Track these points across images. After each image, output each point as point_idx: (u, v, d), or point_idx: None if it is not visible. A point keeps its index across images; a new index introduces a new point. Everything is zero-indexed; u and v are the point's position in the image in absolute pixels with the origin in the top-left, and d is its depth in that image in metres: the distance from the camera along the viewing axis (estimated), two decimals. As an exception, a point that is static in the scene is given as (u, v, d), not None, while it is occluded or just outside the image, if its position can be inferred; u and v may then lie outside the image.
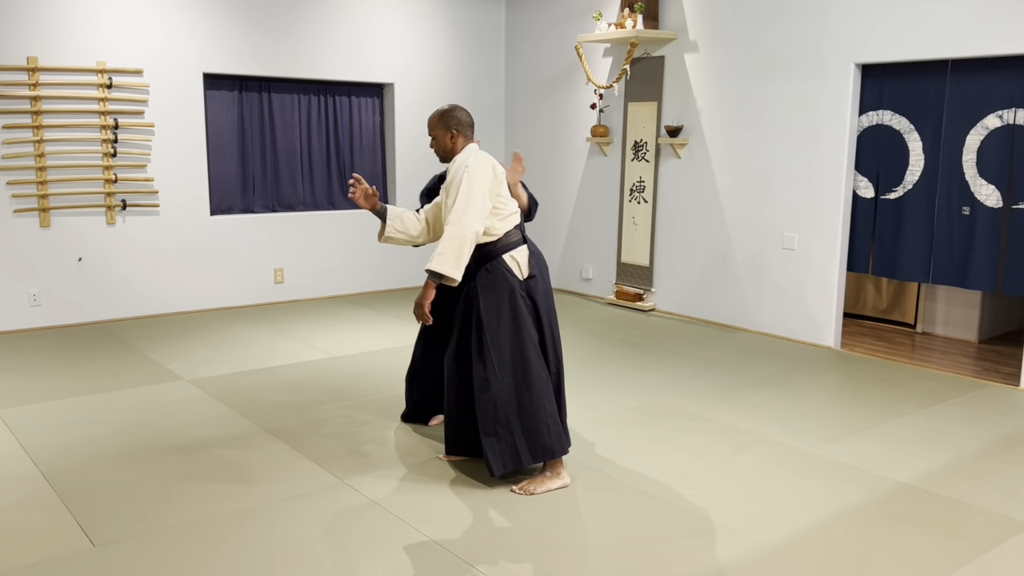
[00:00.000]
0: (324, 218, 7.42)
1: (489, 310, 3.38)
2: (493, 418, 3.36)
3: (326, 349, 5.71)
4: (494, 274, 3.40)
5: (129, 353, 5.53)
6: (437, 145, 3.53)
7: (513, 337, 3.39)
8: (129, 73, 6.26)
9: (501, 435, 3.37)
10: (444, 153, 3.52)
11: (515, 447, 3.37)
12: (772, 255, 6.22)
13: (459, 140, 3.49)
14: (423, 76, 7.80)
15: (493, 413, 3.36)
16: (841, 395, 4.87)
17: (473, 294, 3.45)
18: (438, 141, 3.51)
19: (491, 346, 3.36)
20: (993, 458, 3.91)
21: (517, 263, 3.45)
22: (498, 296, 3.39)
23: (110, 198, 6.28)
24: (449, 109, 3.51)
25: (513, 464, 3.38)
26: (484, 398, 3.37)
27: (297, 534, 3.06)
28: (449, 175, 3.45)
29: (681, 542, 3.04)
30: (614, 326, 6.54)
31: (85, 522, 3.13)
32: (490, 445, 3.37)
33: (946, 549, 3.02)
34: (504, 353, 3.37)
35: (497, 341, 3.37)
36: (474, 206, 3.30)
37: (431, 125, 3.52)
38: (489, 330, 3.37)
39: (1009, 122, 5.09)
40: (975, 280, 5.36)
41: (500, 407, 3.36)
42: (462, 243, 3.28)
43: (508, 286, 3.40)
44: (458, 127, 3.48)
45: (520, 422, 3.37)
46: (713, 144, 6.53)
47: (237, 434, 4.09)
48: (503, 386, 3.36)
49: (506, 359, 3.37)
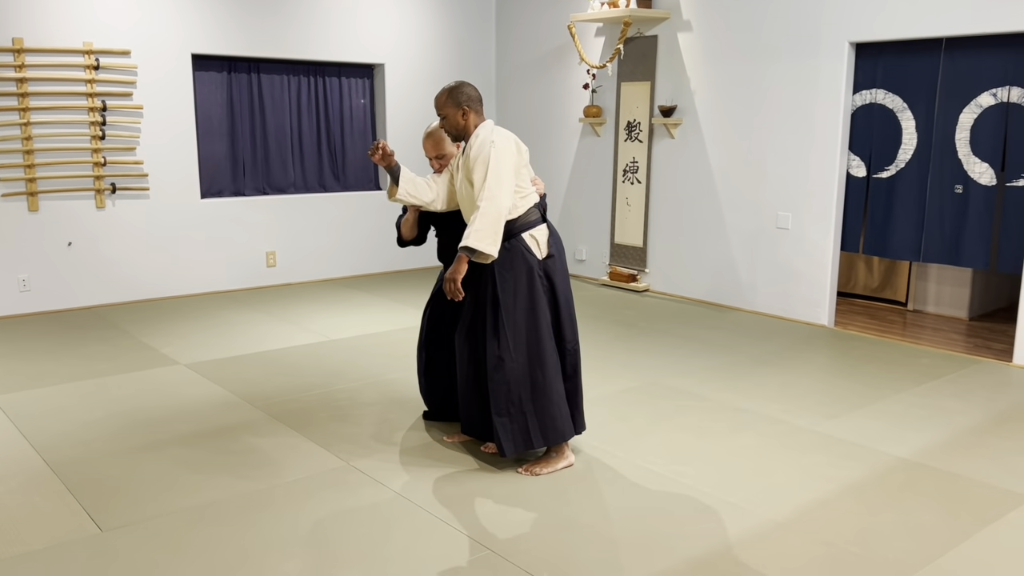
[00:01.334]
0: (315, 200, 7.37)
1: (506, 288, 3.33)
2: (506, 398, 3.33)
3: (322, 332, 5.69)
4: (512, 252, 3.35)
5: (122, 338, 5.48)
6: (448, 124, 3.42)
7: (529, 317, 3.35)
8: (116, 54, 6.17)
9: (514, 415, 3.34)
10: (457, 132, 3.42)
11: (527, 428, 3.35)
12: (766, 235, 6.24)
13: (471, 116, 3.38)
14: (414, 56, 7.74)
15: (506, 393, 3.33)
16: (837, 373, 4.91)
17: (489, 271, 3.38)
18: (449, 120, 3.40)
19: (507, 324, 3.32)
20: (988, 433, 3.96)
21: (536, 242, 3.40)
22: (516, 274, 3.34)
23: (99, 181, 6.21)
24: (457, 86, 3.40)
25: (524, 446, 3.37)
26: (497, 377, 3.34)
27: (305, 517, 3.06)
28: (472, 151, 3.33)
29: (688, 519, 3.06)
30: (609, 307, 6.55)
31: (90, 507, 3.12)
32: (502, 425, 3.35)
33: (948, 523, 3.06)
34: (519, 332, 3.33)
35: (513, 320, 3.33)
36: (505, 181, 3.24)
37: (439, 104, 3.40)
38: (505, 308, 3.32)
39: (1003, 100, 5.12)
40: (968, 258, 5.40)
41: (514, 387, 3.33)
42: (498, 218, 3.21)
43: (526, 264, 3.35)
44: (469, 103, 3.37)
45: (533, 403, 3.35)
46: (707, 124, 6.53)
47: (238, 418, 4.07)
48: (517, 366, 3.33)
49: (521, 339, 3.33)
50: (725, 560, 2.77)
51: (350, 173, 7.66)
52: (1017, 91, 5.05)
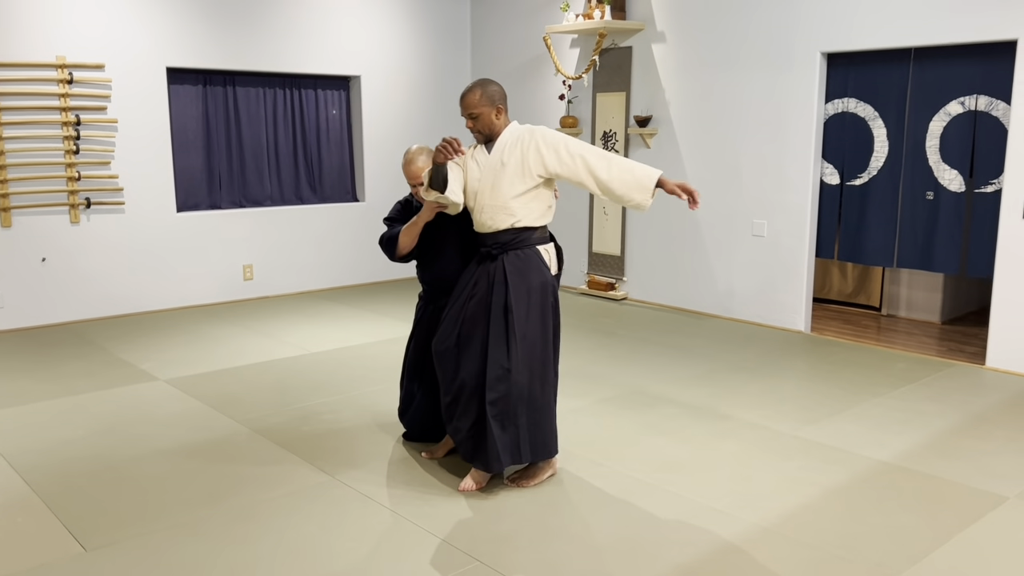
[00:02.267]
0: (292, 213, 7.34)
1: (520, 298, 3.24)
2: (503, 410, 3.24)
3: (301, 345, 5.67)
4: (528, 262, 3.27)
5: (99, 354, 5.42)
6: (481, 124, 3.30)
7: (539, 330, 3.27)
8: (90, 68, 6.12)
9: (507, 428, 3.26)
10: (490, 132, 3.32)
11: (518, 441, 3.28)
12: (742, 242, 6.31)
13: (503, 116, 3.33)
14: (389, 68, 7.75)
15: (504, 405, 3.24)
16: (815, 378, 4.97)
17: (500, 278, 3.26)
18: (483, 119, 3.29)
19: (517, 335, 3.22)
20: (965, 435, 4.03)
21: (549, 256, 3.36)
22: (530, 286, 3.26)
23: (74, 196, 6.14)
24: (486, 83, 3.30)
25: (513, 459, 3.31)
26: (501, 388, 3.22)
27: (292, 532, 3.04)
28: (542, 138, 3.26)
29: (674, 526, 3.08)
30: (588, 316, 6.59)
31: (73, 527, 3.08)
32: (497, 437, 3.25)
33: (931, 524, 3.11)
34: (528, 345, 3.24)
35: (524, 331, 3.24)
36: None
37: (472, 103, 3.26)
38: (517, 319, 3.22)
39: (971, 108, 5.23)
40: (940, 263, 5.50)
41: (514, 400, 3.24)
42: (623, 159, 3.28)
43: (541, 277, 3.29)
44: (502, 101, 3.31)
45: (528, 416, 3.28)
46: (682, 133, 6.60)
47: (220, 433, 4.04)
48: (521, 378, 3.23)
49: (527, 351, 3.25)
50: (712, 566, 2.80)
51: (327, 185, 7.64)
52: (984, 99, 5.16)
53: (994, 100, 5.12)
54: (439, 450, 3.73)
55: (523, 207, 3.30)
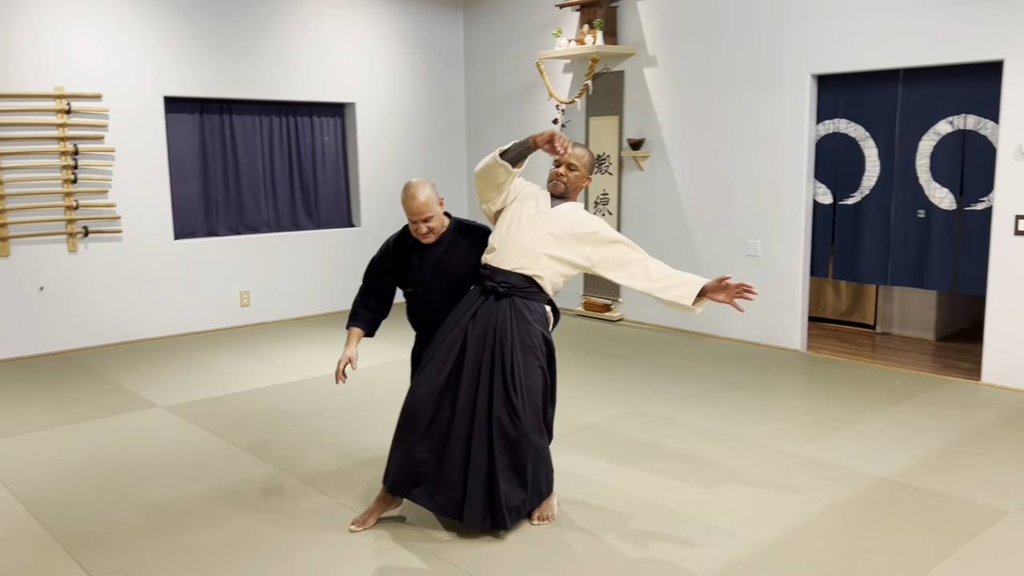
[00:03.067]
0: (289, 239, 7.37)
1: (525, 348, 3.16)
2: (513, 465, 3.12)
3: (300, 371, 5.67)
4: (534, 314, 3.22)
5: (98, 382, 5.42)
6: (572, 184, 3.32)
7: (539, 381, 3.19)
8: (88, 98, 6.16)
9: (513, 488, 3.13)
10: (573, 192, 3.36)
11: (525, 500, 3.18)
12: (736, 262, 6.37)
13: (585, 182, 3.38)
14: (384, 95, 7.82)
15: (512, 460, 3.12)
16: (813, 396, 5.00)
17: (504, 323, 3.16)
18: (576, 183, 3.33)
19: (524, 389, 3.12)
20: (964, 450, 4.06)
21: (548, 316, 3.35)
22: (533, 340, 3.18)
23: (71, 225, 6.16)
24: (591, 153, 3.41)
25: (520, 518, 3.22)
26: (505, 445, 3.11)
27: (297, 556, 3.04)
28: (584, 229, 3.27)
29: (681, 545, 3.10)
30: (585, 337, 6.61)
31: (78, 554, 3.07)
32: (504, 494, 3.09)
33: (933, 540, 3.13)
34: (532, 399, 3.15)
35: (528, 381, 3.14)
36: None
37: (583, 164, 3.31)
38: (527, 369, 3.14)
39: (960, 127, 5.31)
40: (932, 280, 5.56)
41: (522, 457, 3.12)
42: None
43: (545, 332, 3.26)
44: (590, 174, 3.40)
45: (531, 472, 3.18)
46: (675, 156, 6.67)
47: (223, 459, 4.04)
48: (530, 432, 3.13)
49: (531, 406, 3.14)
50: (720, 584, 2.81)
51: (323, 211, 7.68)
52: (972, 119, 5.25)
53: (982, 119, 5.20)
54: (371, 518, 3.30)
55: (552, 269, 3.26)
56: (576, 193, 3.39)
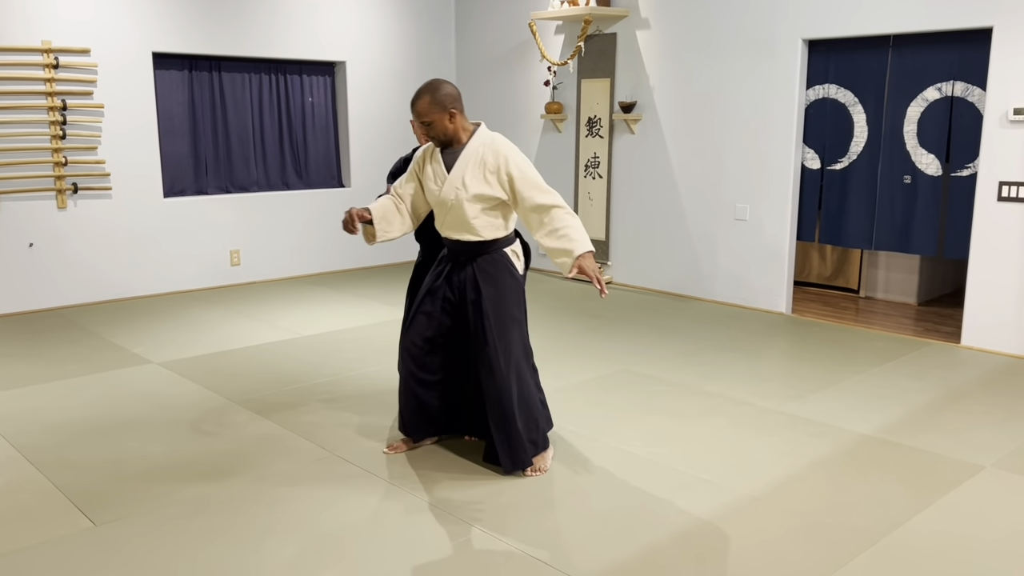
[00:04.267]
0: (279, 198, 7.37)
1: (495, 303, 3.27)
2: (502, 416, 3.28)
3: (292, 329, 5.72)
4: (498, 267, 3.29)
5: (90, 339, 5.44)
6: (436, 130, 3.21)
7: (515, 332, 3.30)
8: (76, 53, 6.10)
9: (510, 433, 3.29)
10: (446, 137, 3.23)
11: (522, 444, 3.31)
12: (725, 226, 6.44)
13: (458, 119, 3.21)
14: (375, 54, 7.78)
15: (501, 410, 3.28)
16: (798, 357, 5.10)
17: (471, 283, 3.30)
18: (436, 126, 3.19)
19: (497, 339, 3.25)
20: (943, 409, 4.18)
21: (517, 256, 3.39)
22: (502, 288, 3.28)
23: (60, 182, 6.14)
24: (437, 86, 3.18)
25: (520, 463, 3.34)
26: (494, 395, 3.28)
27: (296, 504, 3.12)
28: (511, 162, 3.20)
29: (667, 496, 3.20)
30: (575, 299, 6.69)
31: (81, 503, 3.13)
32: (500, 442, 3.30)
33: (911, 493, 3.24)
34: (511, 352, 3.28)
35: (502, 334, 3.26)
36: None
37: (423, 111, 3.16)
38: (498, 323, 3.25)
39: (947, 94, 5.37)
40: (917, 245, 5.66)
41: (508, 405, 3.27)
42: (574, 215, 3.22)
43: (514, 282, 3.32)
44: (454, 105, 3.19)
45: (521, 419, 3.32)
46: (666, 119, 6.70)
47: (220, 413, 4.10)
48: (510, 383, 3.27)
49: (512, 356, 3.28)
50: (705, 533, 2.91)
51: (313, 170, 7.67)
52: (960, 85, 5.31)
53: (970, 86, 5.26)
54: (402, 446, 3.63)
55: (486, 226, 3.27)
56: (456, 130, 3.24)
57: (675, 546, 2.82)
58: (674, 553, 2.78)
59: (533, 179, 3.23)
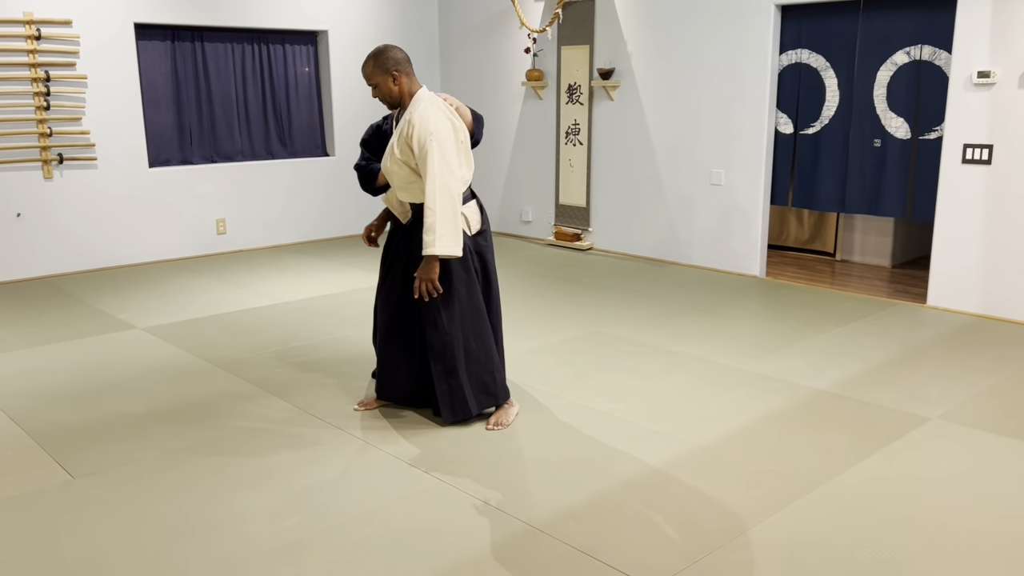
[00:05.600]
0: (263, 167, 7.46)
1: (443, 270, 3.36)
2: (444, 368, 3.44)
3: (274, 295, 5.85)
4: None
5: (77, 306, 5.58)
6: (381, 93, 3.32)
7: (462, 292, 3.42)
8: (58, 24, 6.17)
9: (452, 384, 3.46)
10: (392, 99, 3.34)
11: (464, 396, 3.48)
12: (701, 191, 6.54)
13: (403, 80, 3.30)
14: (357, 23, 7.82)
15: (443, 363, 3.44)
16: (765, 318, 5.23)
17: (416, 247, 3.39)
18: (381, 88, 3.31)
19: (440, 301, 3.38)
20: (900, 365, 4.31)
21: (466, 219, 3.41)
22: None
23: (46, 152, 6.23)
24: (382, 50, 3.30)
25: (462, 413, 3.51)
26: (436, 349, 3.43)
27: (268, 458, 3.27)
28: (415, 140, 3.22)
29: (621, 447, 3.34)
30: (554, 265, 6.81)
31: (61, 457, 3.28)
32: (442, 393, 3.47)
33: (856, 442, 3.39)
34: (452, 308, 3.40)
35: (446, 297, 3.38)
36: (454, 171, 3.22)
37: (368, 74, 3.30)
38: (442, 281, 3.36)
39: (916, 58, 5.44)
40: (886, 208, 5.76)
41: (449, 359, 3.43)
42: (455, 214, 3.21)
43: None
44: (397, 67, 3.29)
45: (467, 372, 3.47)
46: (644, 86, 6.77)
47: (199, 374, 4.24)
48: (452, 338, 3.41)
49: (455, 313, 3.40)
50: (653, 479, 3.06)
51: (297, 140, 7.76)
52: (928, 49, 5.38)
53: (937, 50, 5.34)
54: (373, 401, 3.78)
55: (410, 193, 3.37)
56: (399, 93, 3.33)
57: (623, 492, 2.97)
58: (621, 498, 2.92)
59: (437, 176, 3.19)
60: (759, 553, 2.58)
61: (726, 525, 2.75)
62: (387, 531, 2.72)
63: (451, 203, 3.20)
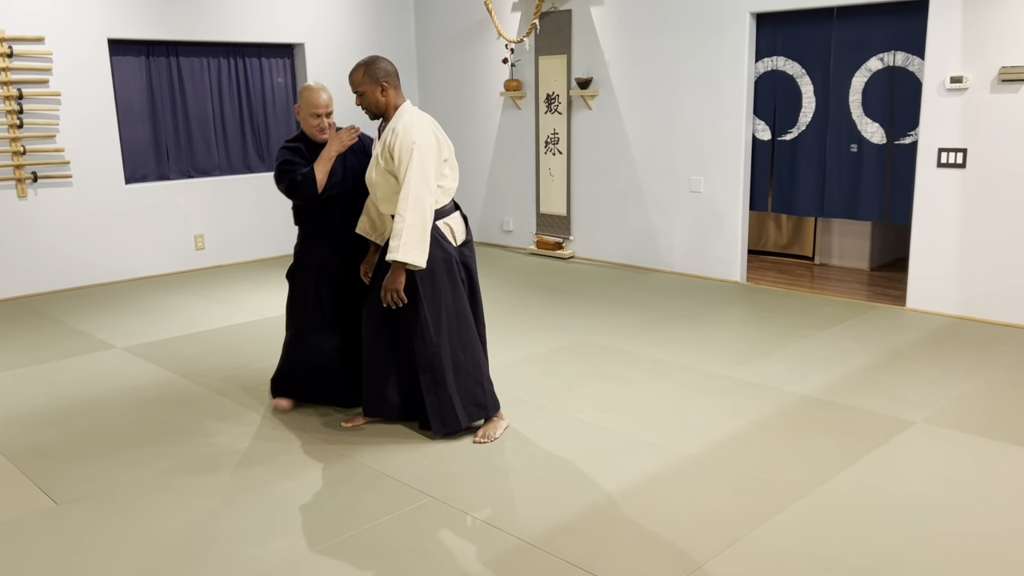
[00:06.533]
0: (241, 182, 7.41)
1: (424, 277, 3.35)
2: (432, 380, 3.43)
3: (255, 311, 5.81)
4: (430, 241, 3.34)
5: (54, 326, 5.50)
6: (367, 102, 3.35)
7: (449, 303, 3.42)
8: (29, 41, 6.10)
9: (441, 396, 3.45)
10: (377, 110, 3.37)
11: (453, 408, 3.46)
12: (680, 198, 6.57)
13: (390, 93, 3.34)
14: (333, 35, 7.80)
15: (432, 375, 3.43)
16: (748, 324, 5.27)
17: None
18: (367, 97, 3.34)
19: (427, 312, 3.37)
20: (881, 369, 4.35)
21: (451, 229, 3.44)
22: (433, 262, 3.33)
23: (19, 170, 6.15)
24: (373, 60, 3.34)
25: (452, 425, 3.49)
26: (424, 361, 3.43)
27: (254, 480, 3.23)
28: (396, 147, 3.26)
29: (610, 458, 3.34)
30: (536, 274, 6.81)
31: (43, 484, 3.23)
32: (431, 406, 3.46)
33: (842, 448, 3.41)
34: (440, 319, 3.40)
35: (433, 308, 3.38)
36: (430, 186, 3.23)
37: (356, 82, 3.32)
38: (425, 297, 3.36)
39: (889, 64, 5.51)
40: (864, 211, 5.82)
41: (438, 370, 3.42)
42: (424, 227, 3.21)
43: (443, 253, 3.38)
44: (387, 79, 3.33)
45: (456, 384, 3.47)
46: (622, 95, 6.81)
47: (182, 394, 4.20)
48: (440, 349, 3.40)
49: (442, 325, 3.40)
50: (644, 490, 3.06)
51: (274, 153, 7.69)
52: (901, 55, 5.45)
53: (910, 55, 5.41)
54: (361, 418, 3.75)
55: (392, 205, 3.36)
56: (386, 104, 3.38)
57: (615, 504, 2.97)
58: (613, 510, 2.92)
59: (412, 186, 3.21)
60: (752, 563, 2.59)
61: (719, 535, 2.75)
62: (378, 551, 2.71)
63: (421, 214, 3.23)
